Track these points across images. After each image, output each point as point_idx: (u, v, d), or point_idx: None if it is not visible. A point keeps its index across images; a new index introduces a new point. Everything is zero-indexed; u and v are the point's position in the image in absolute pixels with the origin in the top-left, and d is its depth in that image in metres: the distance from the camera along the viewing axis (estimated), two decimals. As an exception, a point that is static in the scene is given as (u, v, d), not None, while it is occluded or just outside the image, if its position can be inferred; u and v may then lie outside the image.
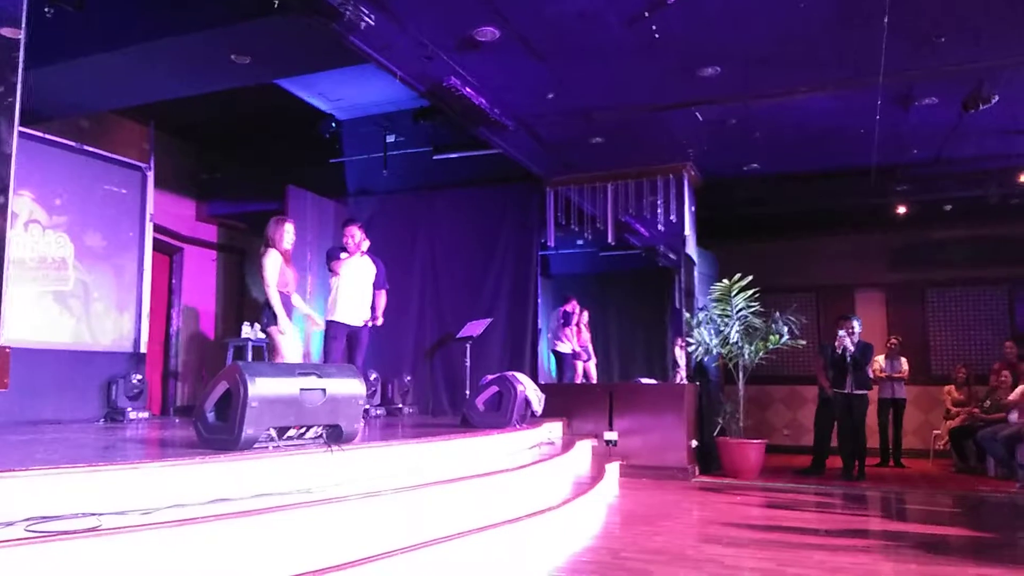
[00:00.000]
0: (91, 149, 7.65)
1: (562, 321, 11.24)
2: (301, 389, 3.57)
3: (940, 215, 10.61)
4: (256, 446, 3.45)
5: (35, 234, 7.11)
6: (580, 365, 11.57)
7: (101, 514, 2.65)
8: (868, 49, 5.99)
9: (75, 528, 2.46)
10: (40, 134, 7.09)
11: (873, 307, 11.63)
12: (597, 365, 11.80)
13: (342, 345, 6.80)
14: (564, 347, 11.16)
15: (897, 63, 6.23)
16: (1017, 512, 6.45)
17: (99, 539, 2.49)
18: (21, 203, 6.92)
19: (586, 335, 11.80)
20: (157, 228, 8.49)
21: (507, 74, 6.55)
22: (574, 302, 11.46)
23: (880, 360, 9.93)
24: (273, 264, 5.79)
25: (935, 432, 10.40)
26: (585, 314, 11.63)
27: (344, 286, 6.85)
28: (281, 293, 5.85)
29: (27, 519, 2.50)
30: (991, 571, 4.01)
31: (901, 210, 10.28)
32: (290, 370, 3.66)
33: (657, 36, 5.70)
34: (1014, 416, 8.46)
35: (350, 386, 3.87)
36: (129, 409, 7.30)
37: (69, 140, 7.47)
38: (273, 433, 3.55)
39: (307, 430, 3.73)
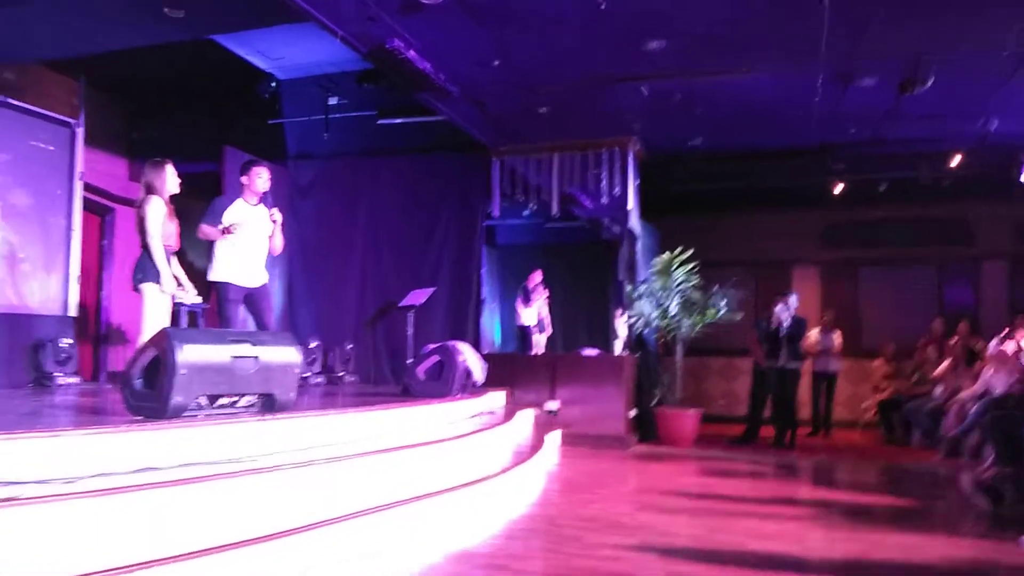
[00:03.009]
0: (17, 103, 7.25)
1: (522, 295, 11.22)
2: (233, 357, 3.48)
3: (875, 195, 10.86)
4: (186, 415, 3.37)
5: (-45, 191, 6.77)
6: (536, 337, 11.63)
7: (21, 483, 2.56)
8: (811, 28, 6.05)
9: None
10: (-41, 86, 6.74)
11: (808, 283, 11.92)
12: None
13: (239, 311, 5.66)
14: (528, 319, 11.10)
15: (838, 44, 6.32)
16: (937, 481, 6.73)
17: (18, 508, 2.40)
18: (-61, 158, 6.58)
19: (544, 309, 11.84)
20: (87, 187, 8.13)
21: (452, 39, 6.44)
22: (534, 275, 11.40)
23: (814, 334, 10.19)
24: (156, 212, 5.10)
25: (864, 404, 10.76)
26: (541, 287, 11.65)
27: (237, 241, 5.53)
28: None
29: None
30: (910, 538, 4.18)
31: (838, 189, 10.51)
32: (221, 337, 3.57)
33: (603, 7, 5.66)
34: (939, 390, 8.80)
35: (285, 354, 3.80)
36: (57, 374, 7.05)
37: (-7, 93, 7.10)
38: (204, 401, 3.46)
39: (240, 399, 3.65)
